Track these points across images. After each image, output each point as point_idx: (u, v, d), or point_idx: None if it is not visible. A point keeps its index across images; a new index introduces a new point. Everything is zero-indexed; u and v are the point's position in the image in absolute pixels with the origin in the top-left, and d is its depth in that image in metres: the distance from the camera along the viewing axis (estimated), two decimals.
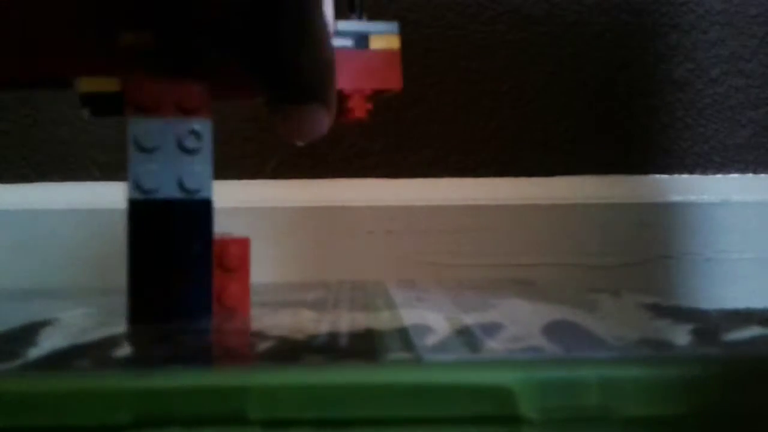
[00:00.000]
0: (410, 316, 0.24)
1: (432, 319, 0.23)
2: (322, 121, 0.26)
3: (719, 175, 0.56)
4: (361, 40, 0.27)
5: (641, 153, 0.56)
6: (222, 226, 0.28)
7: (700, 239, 0.54)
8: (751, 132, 0.56)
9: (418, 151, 0.55)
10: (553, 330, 0.20)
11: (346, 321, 0.23)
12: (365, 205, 0.54)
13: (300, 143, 0.26)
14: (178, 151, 0.24)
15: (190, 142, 0.24)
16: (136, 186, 0.24)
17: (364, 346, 0.19)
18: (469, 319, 0.23)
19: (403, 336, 0.20)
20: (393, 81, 0.27)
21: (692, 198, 0.54)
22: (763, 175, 0.56)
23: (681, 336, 0.18)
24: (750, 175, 0.56)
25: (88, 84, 0.24)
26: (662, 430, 0.14)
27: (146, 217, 0.24)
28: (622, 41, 0.55)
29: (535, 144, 0.55)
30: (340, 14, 0.27)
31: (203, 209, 0.25)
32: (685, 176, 0.56)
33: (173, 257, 0.24)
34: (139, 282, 0.24)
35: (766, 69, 0.56)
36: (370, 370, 0.16)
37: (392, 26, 0.27)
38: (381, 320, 0.23)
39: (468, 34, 0.55)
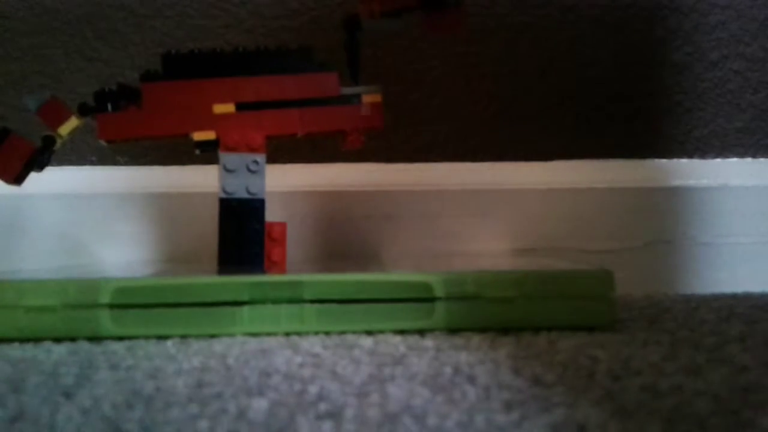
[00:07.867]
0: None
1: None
2: None
3: (718, 160, 0.56)
4: (357, 97, 0.42)
5: (640, 137, 0.55)
6: None
7: (699, 223, 0.54)
8: (750, 116, 0.56)
9: (417, 136, 0.55)
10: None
11: None
12: (362, 190, 0.53)
13: None
14: (246, 172, 0.41)
15: (253, 167, 0.41)
16: (223, 190, 0.41)
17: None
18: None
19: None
20: (377, 122, 0.42)
21: (691, 182, 0.54)
22: (762, 160, 0.56)
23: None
24: (749, 159, 0.56)
25: (198, 135, 0.41)
26: (505, 304, 0.30)
27: (229, 208, 0.41)
28: (622, 24, 0.55)
29: (533, 128, 0.55)
30: (347, 83, 0.41)
31: (260, 204, 0.41)
32: (684, 160, 0.56)
33: (243, 231, 0.40)
34: (224, 244, 0.40)
35: (766, 53, 0.55)
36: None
37: (377, 87, 0.42)
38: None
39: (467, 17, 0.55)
